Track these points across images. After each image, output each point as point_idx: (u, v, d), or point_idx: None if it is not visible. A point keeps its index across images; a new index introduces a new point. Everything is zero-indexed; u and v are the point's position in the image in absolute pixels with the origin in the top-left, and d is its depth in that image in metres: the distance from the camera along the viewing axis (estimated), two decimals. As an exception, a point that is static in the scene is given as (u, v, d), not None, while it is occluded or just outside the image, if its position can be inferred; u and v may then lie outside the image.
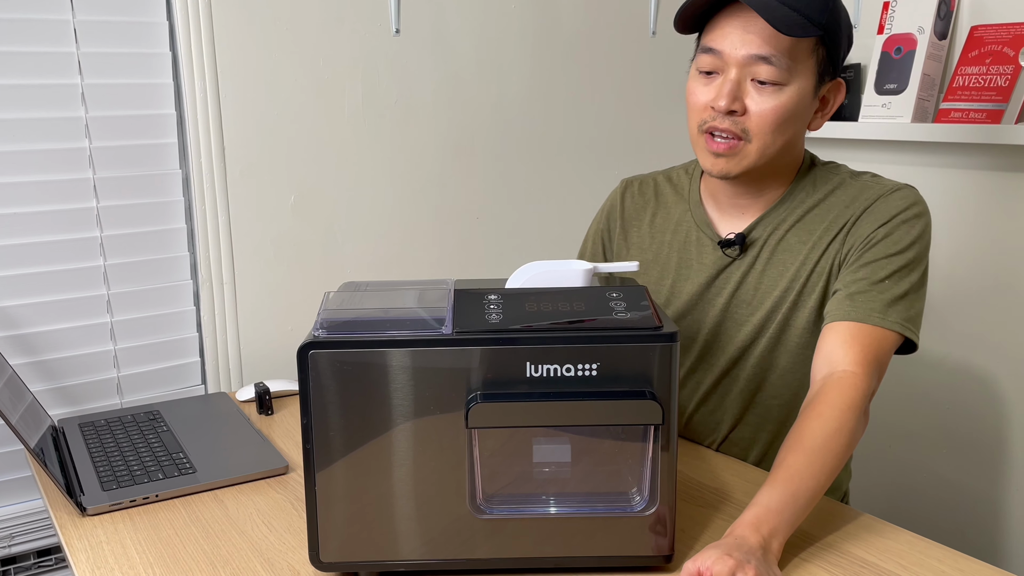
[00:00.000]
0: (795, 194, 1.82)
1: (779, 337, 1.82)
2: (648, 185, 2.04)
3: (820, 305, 1.78)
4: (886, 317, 1.65)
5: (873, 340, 1.64)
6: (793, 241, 1.80)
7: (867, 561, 1.46)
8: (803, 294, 1.79)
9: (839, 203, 1.79)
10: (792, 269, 1.79)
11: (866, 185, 1.79)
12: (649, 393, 1.33)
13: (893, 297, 1.67)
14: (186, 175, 2.43)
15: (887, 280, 1.68)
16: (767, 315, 1.82)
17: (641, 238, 2.00)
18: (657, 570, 1.43)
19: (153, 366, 2.46)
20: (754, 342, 1.85)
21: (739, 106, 1.69)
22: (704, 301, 1.89)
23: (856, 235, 1.74)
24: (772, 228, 1.83)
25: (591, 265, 1.52)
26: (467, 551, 1.40)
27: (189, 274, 2.48)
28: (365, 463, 1.37)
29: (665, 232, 1.97)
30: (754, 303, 1.84)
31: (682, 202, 1.96)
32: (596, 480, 1.41)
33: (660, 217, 1.98)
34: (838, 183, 1.81)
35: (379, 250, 2.72)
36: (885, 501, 2.98)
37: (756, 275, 1.83)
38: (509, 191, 2.91)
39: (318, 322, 1.37)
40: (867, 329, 1.64)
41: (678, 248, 1.94)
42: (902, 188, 1.76)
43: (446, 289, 1.50)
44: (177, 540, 1.58)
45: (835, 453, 1.50)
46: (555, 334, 1.33)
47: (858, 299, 1.67)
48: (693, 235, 1.91)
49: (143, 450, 1.91)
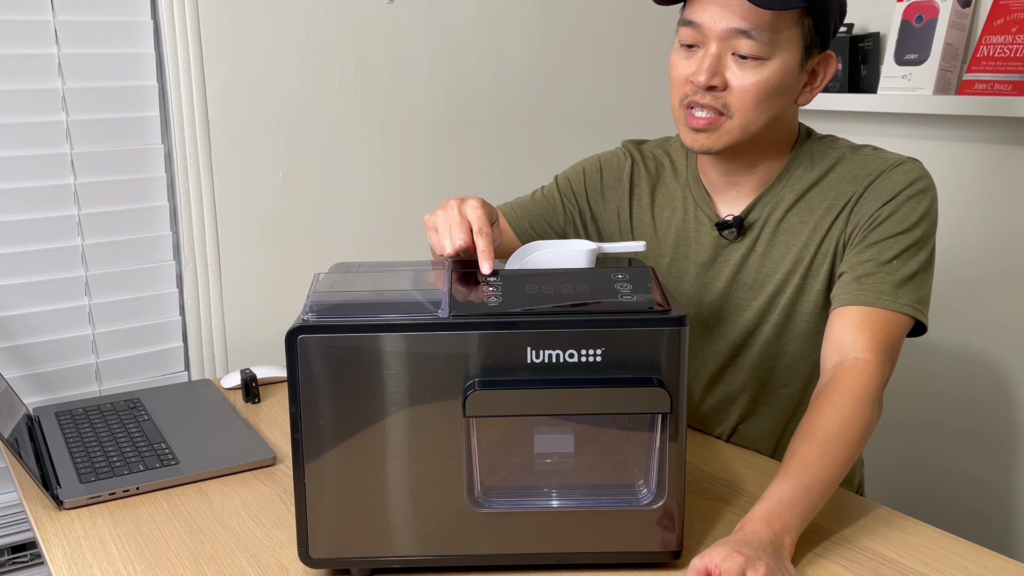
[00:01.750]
0: (792, 171, 1.82)
1: (785, 322, 1.82)
2: (649, 157, 2.02)
3: (827, 288, 1.77)
4: (896, 300, 1.65)
5: (884, 324, 1.63)
6: (794, 221, 1.80)
7: (886, 557, 1.46)
8: (808, 277, 1.78)
9: (840, 180, 1.78)
10: (794, 251, 1.79)
11: (867, 159, 1.78)
12: (656, 380, 1.33)
13: (902, 278, 1.67)
14: (168, 150, 2.42)
15: (895, 260, 1.68)
16: (770, 299, 1.82)
17: (641, 211, 1.99)
18: (664, 566, 1.42)
19: (133, 351, 2.46)
20: (759, 327, 1.85)
21: (719, 81, 1.68)
22: (703, 284, 1.89)
23: (860, 214, 1.74)
24: (771, 208, 1.82)
25: (595, 245, 1.51)
26: (465, 546, 1.40)
27: (171, 254, 2.48)
28: (357, 454, 1.36)
29: (664, 208, 1.96)
30: (756, 287, 1.83)
31: (680, 178, 1.95)
32: (600, 472, 1.41)
33: (660, 193, 1.97)
34: (837, 158, 1.80)
35: (372, 229, 2.71)
36: (900, 493, 2.98)
37: (757, 258, 1.83)
38: (509, 166, 2.91)
39: (307, 305, 1.37)
40: (877, 313, 1.64)
41: (676, 226, 1.93)
42: (905, 162, 1.75)
43: (443, 270, 1.50)
44: (159, 535, 1.58)
45: (849, 444, 1.50)
46: (557, 318, 1.32)
47: (866, 282, 1.67)
48: (691, 213, 1.91)
49: (123, 440, 1.91)
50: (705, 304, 1.88)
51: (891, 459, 2.99)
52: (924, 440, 2.92)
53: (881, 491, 2.97)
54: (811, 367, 1.83)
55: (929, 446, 2.91)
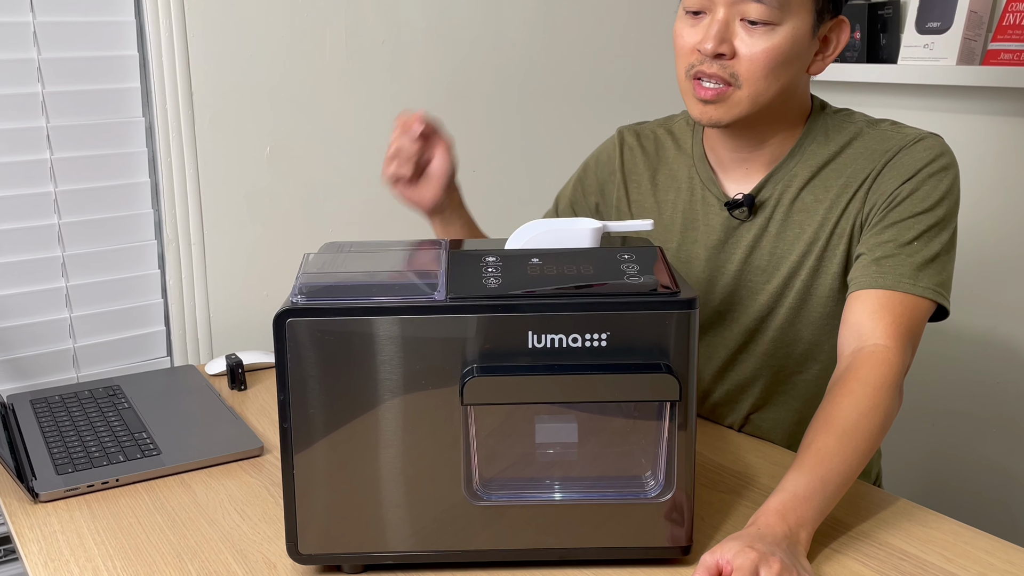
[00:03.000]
0: (805, 146, 1.81)
1: (800, 307, 1.82)
2: (647, 138, 2.03)
3: (843, 271, 1.77)
4: (917, 283, 1.64)
5: (905, 309, 1.63)
6: (808, 200, 1.79)
7: (907, 552, 1.46)
8: (824, 259, 1.78)
9: (857, 156, 1.77)
10: (809, 231, 1.79)
11: (886, 135, 1.77)
12: (665, 366, 1.33)
13: (923, 260, 1.66)
14: (150, 123, 2.41)
15: (916, 242, 1.67)
16: (785, 282, 1.82)
17: (642, 196, 1.99)
18: (673, 563, 1.42)
19: (113, 336, 2.46)
20: (772, 312, 1.84)
21: (727, 49, 1.67)
22: (713, 267, 1.89)
23: (878, 192, 1.73)
24: (783, 186, 1.82)
25: (600, 224, 1.51)
26: (462, 541, 1.39)
27: (153, 234, 2.47)
28: (349, 444, 1.36)
29: (668, 191, 1.96)
30: (769, 269, 1.83)
31: (685, 157, 1.95)
32: (606, 463, 1.41)
33: (662, 175, 1.98)
34: (854, 133, 1.80)
35: (364, 207, 2.71)
36: (921, 485, 2.99)
37: (770, 239, 1.82)
38: (509, 141, 2.90)
39: (296, 287, 1.36)
40: (898, 297, 1.64)
41: (683, 208, 1.93)
42: (926, 137, 1.74)
43: (439, 250, 1.50)
44: (139, 529, 1.58)
45: (868, 434, 1.50)
46: (560, 300, 1.32)
47: (885, 264, 1.66)
48: (698, 193, 1.91)
49: (102, 429, 1.90)
50: (717, 288, 1.88)
51: (912, 450, 2.99)
52: (946, 430, 2.92)
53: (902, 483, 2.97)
54: (827, 354, 1.83)
55: (952, 436, 2.91)
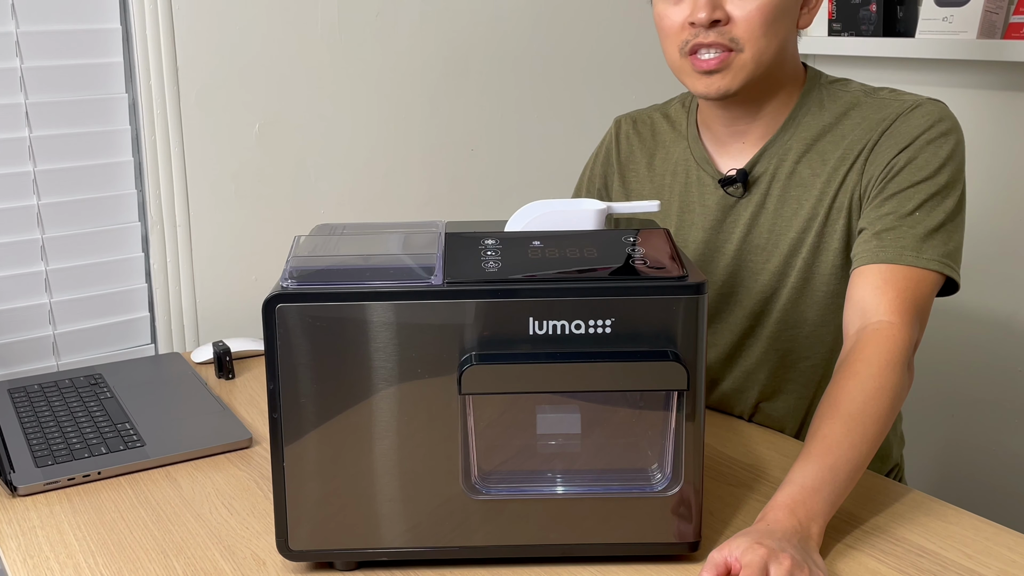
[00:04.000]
0: (799, 118, 1.82)
1: (803, 286, 1.82)
2: (644, 123, 2.05)
3: (845, 247, 1.78)
4: (921, 254, 1.64)
5: (909, 283, 1.63)
6: (805, 174, 1.80)
7: (925, 548, 1.46)
8: (824, 235, 1.78)
9: (854, 126, 1.78)
10: (807, 206, 1.79)
11: (883, 103, 1.78)
12: (672, 354, 1.33)
13: (927, 231, 1.66)
14: (133, 100, 2.41)
15: (917, 212, 1.67)
16: (785, 261, 1.82)
17: (640, 184, 2.01)
18: (680, 559, 1.42)
19: (95, 322, 2.45)
20: (775, 293, 1.85)
21: (721, 14, 1.69)
22: (712, 249, 1.89)
23: (876, 163, 1.74)
24: (778, 160, 1.82)
25: (604, 205, 1.50)
26: (460, 537, 1.39)
27: (137, 215, 2.47)
28: (342, 435, 1.36)
29: (665, 175, 1.97)
30: (769, 247, 1.84)
31: (680, 139, 1.97)
32: (610, 455, 1.41)
33: (659, 159, 1.99)
34: (851, 102, 1.81)
35: (358, 187, 2.71)
36: (939, 477, 2.99)
37: (768, 216, 1.83)
38: (509, 119, 2.90)
39: (287, 271, 1.36)
40: (901, 271, 1.64)
41: (679, 192, 1.94)
42: (923, 103, 1.75)
43: (436, 233, 1.49)
44: (122, 524, 1.58)
45: (877, 418, 1.50)
46: (562, 285, 1.32)
47: (887, 237, 1.67)
48: (694, 175, 1.92)
49: (83, 420, 1.90)
50: (717, 270, 1.88)
51: (930, 440, 2.99)
52: (966, 419, 2.91)
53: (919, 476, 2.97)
54: (834, 335, 1.83)
55: (972, 426, 2.91)
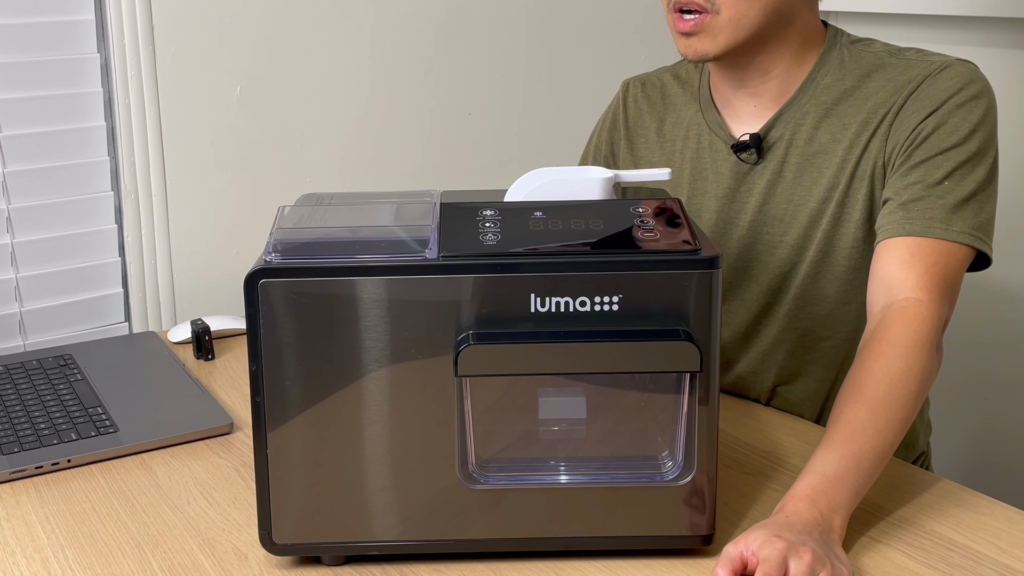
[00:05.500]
0: (817, 79, 1.82)
1: (822, 260, 1.82)
2: (654, 86, 2.05)
3: (868, 218, 1.78)
4: (951, 227, 1.64)
5: (938, 257, 1.63)
6: (825, 140, 1.80)
7: (955, 542, 1.46)
8: (845, 205, 1.78)
9: (877, 89, 1.78)
10: (828, 174, 1.79)
11: (909, 64, 1.78)
12: (684, 333, 1.32)
13: (956, 201, 1.66)
14: (105, 60, 2.40)
15: (946, 181, 1.67)
16: (804, 233, 1.82)
17: (650, 151, 2.01)
18: (692, 553, 1.43)
19: (64, 299, 2.45)
20: (793, 268, 1.85)
21: None
22: (726, 220, 1.89)
23: (901, 129, 1.73)
24: (795, 124, 1.82)
25: (611, 173, 1.50)
26: (456, 530, 1.40)
27: (109, 184, 2.47)
28: (329, 420, 1.36)
29: (676, 140, 1.97)
30: (787, 219, 1.84)
31: (692, 102, 1.97)
32: (617, 442, 1.41)
33: (669, 123, 1.99)
34: (874, 64, 1.80)
35: (347, 154, 2.71)
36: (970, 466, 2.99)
37: (786, 184, 1.83)
38: (509, 80, 2.89)
39: (270, 244, 1.36)
40: (929, 244, 1.64)
41: (690, 158, 1.94)
42: (952, 64, 1.75)
43: (430, 203, 1.49)
44: (94, 516, 1.58)
45: (903, 402, 1.50)
46: (566, 259, 1.32)
47: (914, 208, 1.66)
48: (706, 140, 1.92)
49: (52, 404, 1.90)
50: (731, 243, 1.88)
51: (960, 426, 2.99)
52: (999, 404, 2.92)
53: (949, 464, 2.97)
54: (856, 313, 1.83)
55: (1005, 410, 2.91)
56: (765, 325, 1.90)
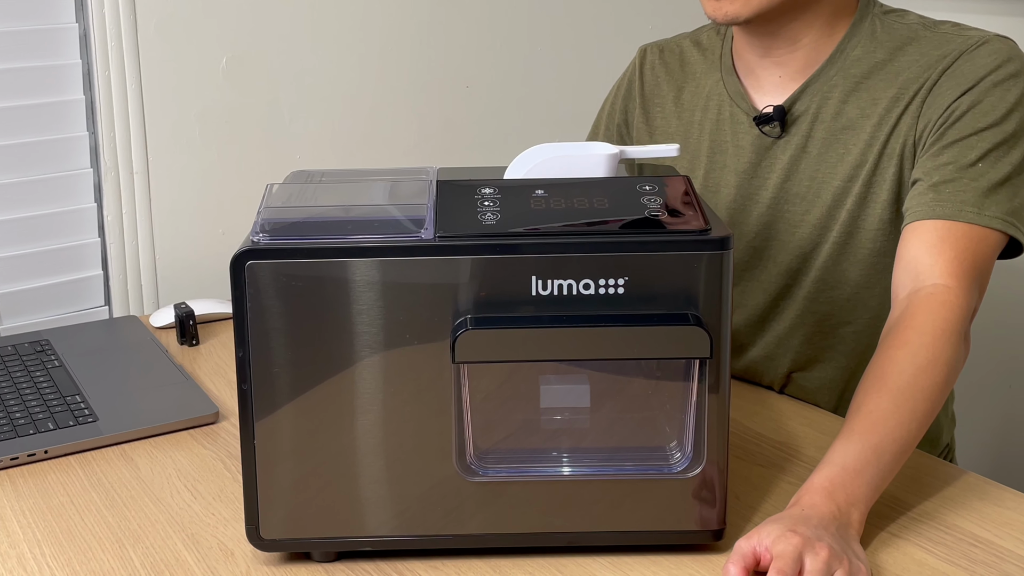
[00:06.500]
0: (847, 51, 1.81)
1: (846, 241, 1.82)
2: (672, 53, 2.05)
3: (895, 198, 1.77)
4: (983, 211, 1.64)
5: (969, 242, 1.63)
6: (854, 115, 1.80)
7: (978, 537, 1.46)
8: (872, 184, 1.78)
9: (910, 63, 1.77)
10: (855, 152, 1.79)
11: (944, 38, 1.77)
12: (693, 317, 1.32)
13: (990, 184, 1.66)
14: (84, 30, 2.40)
15: (980, 163, 1.67)
16: (828, 212, 1.82)
17: (666, 120, 2.00)
18: (702, 549, 1.43)
19: (41, 281, 2.45)
20: (815, 249, 1.85)
21: None
22: (745, 196, 1.89)
23: (934, 106, 1.73)
24: (821, 97, 1.82)
25: (617, 149, 1.50)
26: (454, 524, 1.40)
27: (88, 161, 2.46)
28: (320, 409, 1.36)
29: (694, 110, 1.97)
30: (810, 197, 1.84)
31: (712, 70, 1.97)
32: (623, 432, 1.41)
33: (688, 92, 1.99)
34: (907, 36, 1.80)
35: (338, 129, 2.71)
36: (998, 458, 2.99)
37: (811, 160, 1.83)
38: (510, 51, 2.89)
39: (258, 223, 1.36)
40: (960, 228, 1.63)
41: (710, 129, 1.94)
42: (990, 40, 1.74)
43: (426, 180, 1.49)
44: (72, 510, 1.58)
45: (928, 393, 1.50)
46: (569, 239, 1.32)
47: (945, 190, 1.66)
48: (726, 111, 1.92)
49: (28, 392, 1.90)
50: (750, 221, 1.88)
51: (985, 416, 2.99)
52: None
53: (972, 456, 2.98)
54: (880, 299, 1.83)
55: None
56: (782, 308, 1.90)
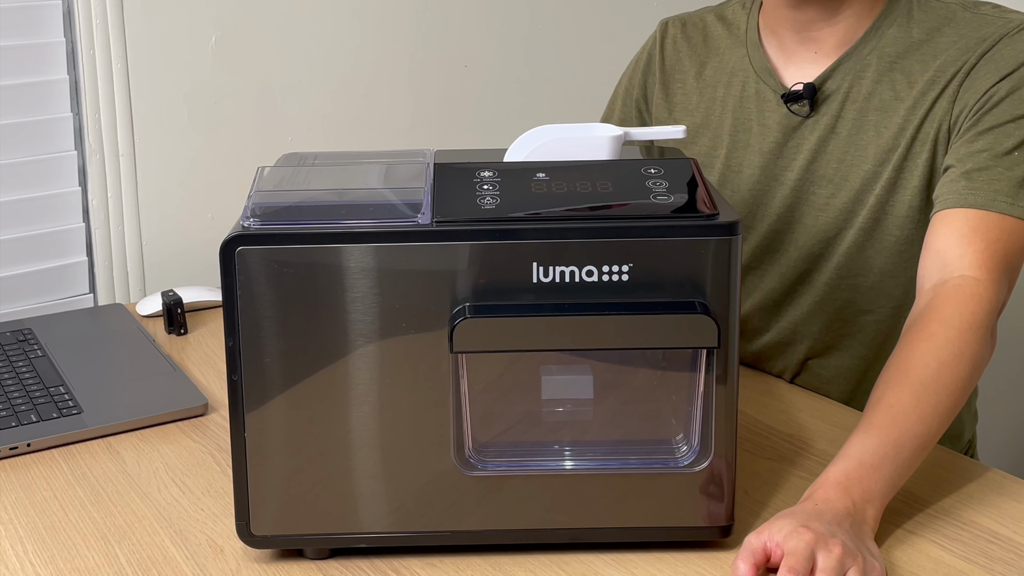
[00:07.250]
0: (883, 29, 1.81)
1: (873, 228, 1.82)
2: (695, 27, 2.04)
3: (927, 185, 1.77)
4: (1017, 201, 1.64)
5: (1001, 233, 1.63)
6: (887, 96, 1.79)
7: (997, 534, 1.46)
8: (903, 169, 1.78)
9: (948, 45, 1.77)
10: (887, 135, 1.78)
11: (985, 20, 1.77)
12: (700, 305, 1.32)
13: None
14: (68, 8, 2.40)
15: (1016, 152, 1.67)
16: (855, 197, 1.82)
17: (687, 97, 2.00)
18: (710, 546, 1.43)
19: (23, 268, 2.45)
20: (839, 234, 1.84)
21: None
22: (769, 176, 1.89)
23: (971, 90, 1.72)
24: (854, 76, 1.81)
25: (621, 131, 1.50)
26: (452, 520, 1.40)
27: (72, 143, 2.46)
28: (313, 401, 1.36)
29: (717, 86, 1.96)
30: (837, 180, 1.83)
31: (738, 45, 1.96)
32: (627, 424, 1.41)
33: (711, 68, 1.98)
34: (946, 16, 1.79)
35: (332, 110, 2.71)
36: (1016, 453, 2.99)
37: (840, 142, 1.82)
38: (510, 29, 2.89)
39: (248, 208, 1.36)
40: (992, 219, 1.63)
41: (733, 106, 1.93)
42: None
43: (423, 163, 1.49)
44: (56, 505, 1.58)
45: (951, 388, 1.50)
46: (571, 225, 1.32)
47: (978, 178, 1.66)
48: (752, 87, 1.91)
49: (10, 383, 1.90)
50: (773, 202, 1.88)
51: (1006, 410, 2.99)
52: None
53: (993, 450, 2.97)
54: (904, 288, 1.83)
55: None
56: (801, 293, 1.90)
